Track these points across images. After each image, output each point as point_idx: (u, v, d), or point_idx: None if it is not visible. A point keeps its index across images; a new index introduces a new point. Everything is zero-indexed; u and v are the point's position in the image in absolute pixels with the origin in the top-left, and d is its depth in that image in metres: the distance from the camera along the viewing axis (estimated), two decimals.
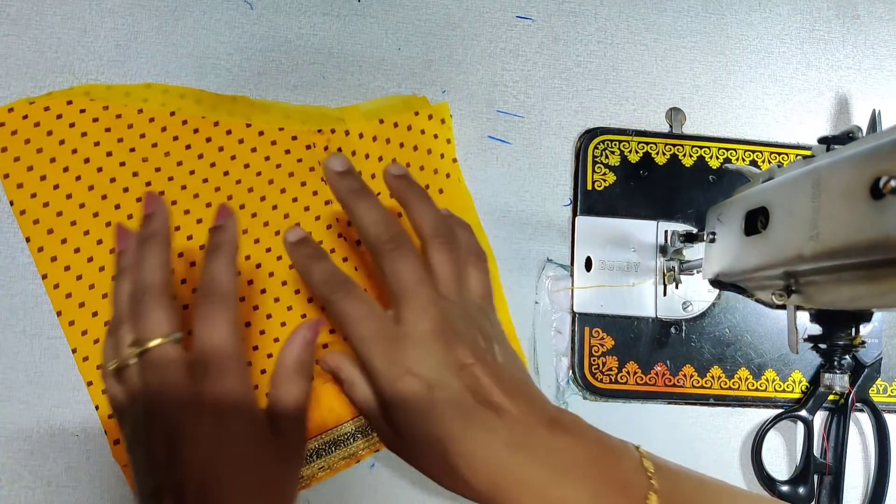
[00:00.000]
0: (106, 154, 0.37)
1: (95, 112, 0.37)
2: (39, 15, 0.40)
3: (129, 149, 0.37)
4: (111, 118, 0.37)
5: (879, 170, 0.23)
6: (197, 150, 0.38)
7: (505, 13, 0.45)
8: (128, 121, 0.38)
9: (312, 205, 0.39)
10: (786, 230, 0.29)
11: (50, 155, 0.36)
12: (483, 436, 0.28)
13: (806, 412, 0.42)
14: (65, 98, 0.37)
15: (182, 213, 0.37)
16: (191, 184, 0.38)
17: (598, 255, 0.42)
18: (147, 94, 0.39)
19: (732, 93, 0.46)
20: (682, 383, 0.42)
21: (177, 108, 0.38)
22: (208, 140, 0.38)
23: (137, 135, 0.38)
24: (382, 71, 0.43)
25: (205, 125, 0.38)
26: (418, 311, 0.29)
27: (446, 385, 0.28)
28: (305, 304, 0.38)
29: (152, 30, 0.41)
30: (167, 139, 0.38)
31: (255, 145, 0.39)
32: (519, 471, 0.27)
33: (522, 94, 0.44)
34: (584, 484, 0.28)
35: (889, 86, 0.47)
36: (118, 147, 0.37)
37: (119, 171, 0.37)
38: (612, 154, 0.44)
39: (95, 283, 0.36)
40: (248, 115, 0.39)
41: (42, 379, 0.38)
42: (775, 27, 0.47)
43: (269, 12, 0.43)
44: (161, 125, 0.38)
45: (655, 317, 0.42)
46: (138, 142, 0.37)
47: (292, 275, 0.38)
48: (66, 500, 0.37)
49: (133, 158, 0.37)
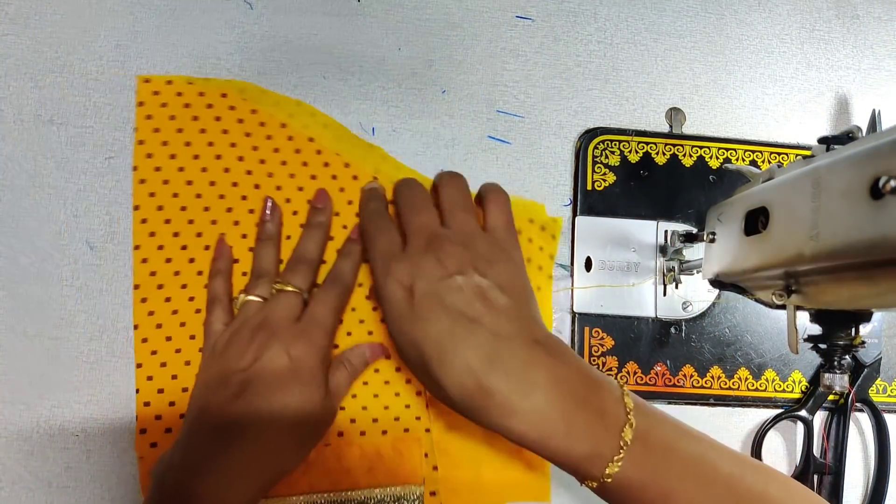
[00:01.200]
0: (238, 158, 0.37)
1: (243, 113, 0.38)
2: (39, 14, 0.40)
3: (260, 160, 0.38)
4: (255, 124, 0.38)
5: (879, 170, 0.23)
6: (321, 183, 0.39)
7: (505, 13, 0.45)
8: (268, 131, 0.38)
9: None
10: (786, 230, 0.29)
11: (187, 138, 0.37)
12: (454, 344, 0.30)
13: (806, 412, 0.42)
14: (221, 89, 0.38)
15: (284, 238, 0.38)
16: (303, 213, 0.38)
17: (598, 255, 0.42)
18: (295, 111, 0.39)
19: (732, 93, 0.46)
20: (682, 383, 0.42)
21: (316, 136, 0.39)
22: (334, 178, 0.39)
23: (272, 148, 0.38)
24: (382, 71, 0.43)
25: (336, 162, 0.39)
26: (416, 234, 0.34)
27: (427, 292, 0.31)
28: (378, 323, 0.39)
29: (152, 29, 0.41)
30: (297, 162, 0.38)
31: None
32: (487, 380, 0.29)
33: (522, 94, 0.44)
34: (557, 400, 0.29)
35: (889, 86, 0.47)
36: (251, 154, 0.38)
37: (244, 178, 0.38)
38: (612, 154, 0.44)
39: (181, 270, 0.37)
40: (377, 167, 0.40)
41: (43, 380, 0.38)
42: (775, 27, 0.47)
43: (269, 12, 0.43)
44: (296, 147, 0.38)
45: (655, 317, 0.42)
46: (271, 155, 0.38)
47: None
48: (67, 501, 0.37)
49: (260, 170, 0.38)
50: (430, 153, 0.43)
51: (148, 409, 0.36)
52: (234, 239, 0.37)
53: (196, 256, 0.37)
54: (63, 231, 0.39)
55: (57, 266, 0.39)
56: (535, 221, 0.42)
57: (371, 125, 0.42)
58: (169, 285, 0.36)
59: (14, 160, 0.39)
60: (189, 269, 0.37)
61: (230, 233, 0.37)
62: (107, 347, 0.38)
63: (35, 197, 0.39)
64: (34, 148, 0.39)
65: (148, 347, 0.36)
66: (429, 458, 0.38)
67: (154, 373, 0.36)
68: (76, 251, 0.39)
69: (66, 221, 0.39)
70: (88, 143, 0.40)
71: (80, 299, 0.38)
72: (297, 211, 0.38)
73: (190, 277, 0.37)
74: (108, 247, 0.39)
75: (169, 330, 0.36)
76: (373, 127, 0.42)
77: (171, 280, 0.36)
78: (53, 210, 0.39)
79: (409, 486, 0.38)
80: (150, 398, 0.36)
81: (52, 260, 0.39)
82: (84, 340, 0.38)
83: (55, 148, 0.40)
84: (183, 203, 0.37)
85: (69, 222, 0.39)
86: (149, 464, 0.36)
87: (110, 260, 0.39)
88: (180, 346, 0.36)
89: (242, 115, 0.38)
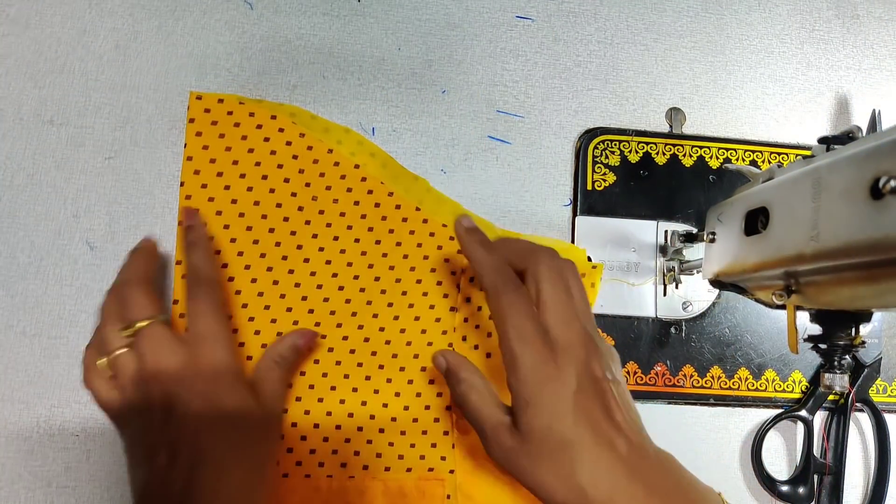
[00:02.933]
0: (283, 180, 0.38)
1: (291, 136, 0.38)
2: (39, 15, 0.40)
3: (305, 183, 0.38)
4: (302, 148, 0.38)
5: (879, 170, 0.23)
6: (363, 209, 0.39)
7: (505, 13, 0.45)
8: (315, 156, 0.38)
9: (438, 305, 0.39)
10: (786, 230, 0.29)
11: (235, 157, 0.37)
12: (606, 451, 0.28)
13: (806, 412, 0.42)
14: (271, 111, 0.38)
15: (324, 263, 0.38)
16: (343, 238, 0.38)
17: (598, 255, 0.42)
18: (343, 138, 0.39)
19: (732, 93, 0.46)
20: (682, 383, 0.42)
21: (363, 164, 0.39)
22: (377, 205, 0.39)
23: (318, 173, 0.38)
24: (382, 71, 0.43)
25: (380, 191, 0.39)
26: (565, 323, 0.30)
27: (586, 393, 0.29)
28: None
29: (152, 30, 0.41)
30: (342, 188, 0.39)
31: (415, 229, 0.39)
32: (632, 491, 0.28)
33: (522, 94, 0.44)
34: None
35: (889, 86, 0.47)
36: (297, 177, 0.38)
37: (288, 201, 0.38)
38: (612, 154, 0.44)
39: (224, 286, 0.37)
40: (421, 199, 0.40)
41: (42, 379, 0.38)
42: (775, 27, 0.47)
43: (269, 12, 0.43)
44: (342, 173, 0.39)
45: (655, 317, 0.42)
46: (316, 180, 0.38)
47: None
48: (66, 501, 0.37)
49: (305, 194, 0.38)
50: (429, 153, 0.43)
51: None
52: (274, 260, 0.37)
53: (236, 275, 0.37)
54: (62, 230, 0.39)
55: (56, 265, 0.39)
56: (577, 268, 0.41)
57: (371, 125, 0.42)
58: None
59: (14, 160, 0.39)
60: (228, 287, 0.37)
61: (270, 253, 0.37)
62: None
63: (34, 196, 0.39)
64: (34, 147, 0.39)
65: None
66: (451, 499, 0.38)
67: None
68: (76, 251, 0.39)
69: (66, 221, 0.39)
70: (88, 143, 0.40)
71: (80, 299, 0.38)
72: (339, 237, 0.38)
73: (229, 295, 0.37)
74: (107, 247, 0.39)
75: None
76: (373, 127, 0.42)
77: None
78: (53, 209, 0.39)
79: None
80: None
81: (52, 259, 0.39)
82: (84, 340, 0.38)
83: (55, 147, 0.40)
84: (226, 221, 0.37)
85: (69, 222, 0.39)
86: None
87: (110, 260, 0.39)
88: None
89: (291, 138, 0.38)
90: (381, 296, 0.39)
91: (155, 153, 0.40)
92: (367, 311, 0.38)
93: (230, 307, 0.36)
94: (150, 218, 0.40)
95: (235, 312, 0.37)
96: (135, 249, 0.36)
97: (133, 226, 0.39)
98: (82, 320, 0.38)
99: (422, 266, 0.39)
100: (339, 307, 0.38)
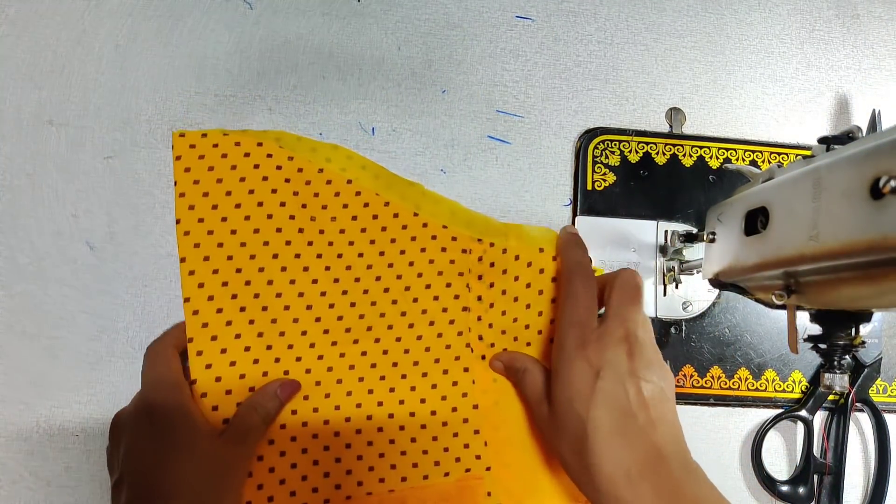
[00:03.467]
0: (279, 204, 0.37)
1: (280, 160, 0.38)
2: (38, 16, 0.40)
3: (301, 204, 0.38)
4: (293, 170, 0.38)
5: (879, 170, 0.23)
6: (362, 223, 0.38)
7: (505, 13, 0.45)
8: (307, 177, 0.38)
9: (451, 307, 0.39)
10: (786, 230, 0.29)
11: (227, 188, 0.37)
12: (621, 440, 0.30)
13: (806, 412, 0.42)
14: (256, 139, 0.38)
15: (332, 282, 0.38)
16: (347, 255, 0.38)
17: (599, 255, 0.42)
18: (332, 155, 0.39)
19: (732, 93, 0.46)
20: (683, 383, 0.42)
21: (355, 178, 0.39)
22: (375, 217, 0.39)
23: (312, 193, 0.38)
24: (382, 71, 0.43)
25: (375, 202, 0.39)
26: (617, 321, 0.33)
27: (613, 381, 0.31)
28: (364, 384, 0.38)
29: (151, 31, 0.41)
30: (338, 205, 0.38)
31: (416, 235, 0.39)
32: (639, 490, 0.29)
33: (522, 94, 0.44)
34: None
35: (889, 86, 0.47)
36: (293, 200, 0.38)
37: (287, 224, 0.37)
38: (612, 154, 0.43)
39: (233, 320, 0.36)
40: (417, 204, 0.40)
41: (42, 379, 0.38)
42: (775, 27, 0.47)
43: (269, 13, 0.43)
44: (336, 190, 0.38)
45: (655, 317, 0.42)
46: (312, 200, 0.38)
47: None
48: (66, 501, 0.37)
49: (303, 215, 0.38)
50: (429, 153, 0.43)
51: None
52: (282, 286, 0.37)
53: (247, 305, 0.37)
54: (62, 231, 0.39)
55: (56, 266, 0.39)
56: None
57: (371, 125, 0.42)
58: (223, 337, 0.36)
59: (13, 161, 0.39)
60: (241, 319, 0.37)
61: (276, 279, 0.37)
62: (106, 347, 0.38)
63: (34, 197, 0.39)
64: (33, 148, 0.39)
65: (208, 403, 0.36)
66: (492, 496, 0.37)
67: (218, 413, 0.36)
68: (76, 251, 0.39)
69: (66, 222, 0.39)
70: (88, 143, 0.40)
71: (80, 299, 0.39)
72: (342, 254, 0.38)
73: (243, 327, 0.37)
74: (107, 247, 0.39)
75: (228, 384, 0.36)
76: (373, 127, 0.42)
77: (224, 331, 0.36)
78: (53, 210, 0.39)
79: None
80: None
81: (52, 259, 0.39)
82: (84, 340, 0.38)
83: (54, 149, 0.40)
84: (228, 252, 0.37)
85: (69, 222, 0.39)
86: None
87: (110, 260, 0.39)
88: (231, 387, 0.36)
89: (280, 163, 0.38)
90: (394, 306, 0.39)
91: (154, 154, 0.40)
92: (382, 323, 0.38)
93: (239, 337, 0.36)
94: (150, 218, 0.40)
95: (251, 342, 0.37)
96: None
97: (133, 226, 0.39)
98: (82, 320, 0.38)
99: (429, 270, 0.39)
100: (354, 323, 0.38)
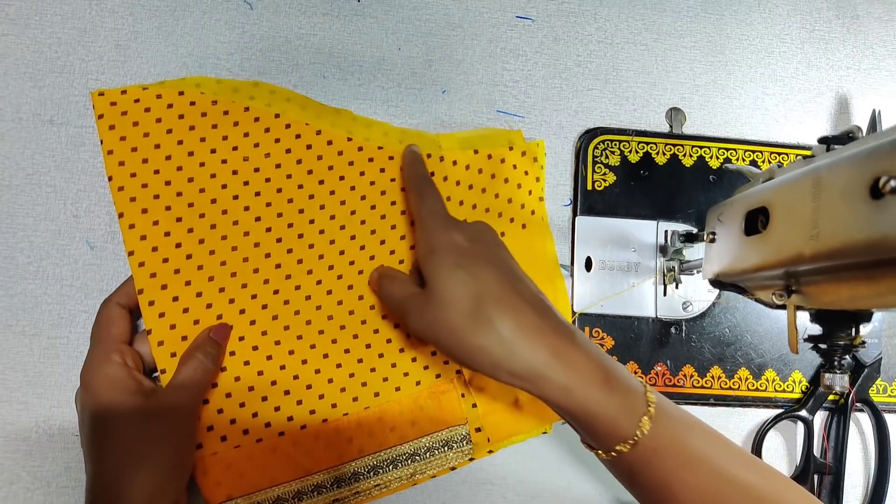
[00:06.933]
0: (210, 150, 0.37)
1: (204, 107, 0.38)
2: (39, 14, 0.40)
3: (233, 147, 0.38)
4: (218, 114, 0.38)
5: (879, 170, 0.23)
6: (297, 155, 0.39)
7: (505, 13, 0.45)
8: (234, 118, 0.38)
9: (399, 223, 0.40)
10: (786, 230, 0.29)
11: (155, 141, 0.37)
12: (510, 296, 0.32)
13: (806, 412, 0.42)
14: (176, 88, 0.37)
15: (275, 216, 0.38)
16: (286, 188, 0.38)
17: (599, 255, 0.42)
18: (254, 93, 0.39)
19: (732, 93, 0.46)
20: (682, 383, 0.42)
21: (282, 111, 0.39)
22: (308, 147, 0.39)
23: (241, 133, 0.38)
24: (382, 71, 0.43)
25: (307, 132, 0.39)
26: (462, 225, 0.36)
27: (484, 245, 0.34)
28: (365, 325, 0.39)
29: (152, 30, 0.41)
30: (269, 140, 0.38)
31: (354, 159, 0.39)
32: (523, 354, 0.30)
33: (522, 94, 0.44)
34: (589, 389, 0.30)
35: (889, 86, 0.47)
36: (222, 144, 0.38)
37: (220, 168, 0.38)
38: (612, 154, 0.44)
39: (181, 268, 0.36)
40: (349, 129, 0.40)
41: (41, 379, 0.38)
42: (775, 27, 0.47)
43: (269, 12, 0.43)
44: (265, 126, 0.38)
45: (655, 317, 0.42)
46: (241, 140, 0.38)
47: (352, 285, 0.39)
48: (66, 501, 0.37)
49: (235, 157, 0.38)
50: None
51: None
52: (225, 228, 0.37)
53: (193, 252, 0.37)
54: (62, 231, 0.39)
55: (56, 265, 0.39)
56: (516, 148, 0.42)
57: None
58: (172, 284, 0.36)
59: (13, 159, 0.39)
60: (189, 266, 0.37)
61: (219, 223, 0.37)
62: None
63: (34, 196, 0.39)
64: (33, 147, 0.39)
65: (166, 350, 0.36)
66: (466, 397, 0.39)
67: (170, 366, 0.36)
68: (76, 251, 0.39)
69: (66, 221, 0.39)
70: (88, 143, 0.40)
71: (80, 299, 0.38)
72: (282, 188, 0.38)
73: (192, 273, 0.37)
74: (108, 247, 0.39)
75: (183, 329, 0.36)
76: None
77: (173, 278, 0.36)
78: (53, 210, 0.39)
79: (454, 428, 0.39)
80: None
81: (52, 259, 0.39)
82: (83, 340, 0.38)
83: (55, 148, 0.40)
84: (166, 203, 0.37)
85: (69, 222, 0.39)
86: None
87: (110, 260, 0.39)
88: (186, 333, 0.36)
89: (204, 109, 0.38)
90: (342, 231, 0.39)
91: None
92: (334, 249, 0.39)
93: (188, 283, 0.37)
94: None
95: (203, 287, 0.37)
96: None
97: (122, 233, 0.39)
98: (82, 320, 0.38)
99: (372, 191, 0.39)
100: (305, 254, 0.38)
